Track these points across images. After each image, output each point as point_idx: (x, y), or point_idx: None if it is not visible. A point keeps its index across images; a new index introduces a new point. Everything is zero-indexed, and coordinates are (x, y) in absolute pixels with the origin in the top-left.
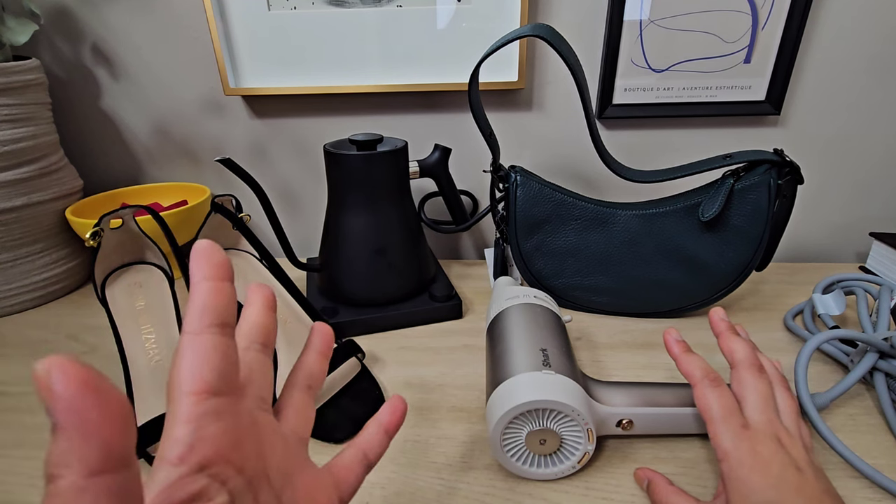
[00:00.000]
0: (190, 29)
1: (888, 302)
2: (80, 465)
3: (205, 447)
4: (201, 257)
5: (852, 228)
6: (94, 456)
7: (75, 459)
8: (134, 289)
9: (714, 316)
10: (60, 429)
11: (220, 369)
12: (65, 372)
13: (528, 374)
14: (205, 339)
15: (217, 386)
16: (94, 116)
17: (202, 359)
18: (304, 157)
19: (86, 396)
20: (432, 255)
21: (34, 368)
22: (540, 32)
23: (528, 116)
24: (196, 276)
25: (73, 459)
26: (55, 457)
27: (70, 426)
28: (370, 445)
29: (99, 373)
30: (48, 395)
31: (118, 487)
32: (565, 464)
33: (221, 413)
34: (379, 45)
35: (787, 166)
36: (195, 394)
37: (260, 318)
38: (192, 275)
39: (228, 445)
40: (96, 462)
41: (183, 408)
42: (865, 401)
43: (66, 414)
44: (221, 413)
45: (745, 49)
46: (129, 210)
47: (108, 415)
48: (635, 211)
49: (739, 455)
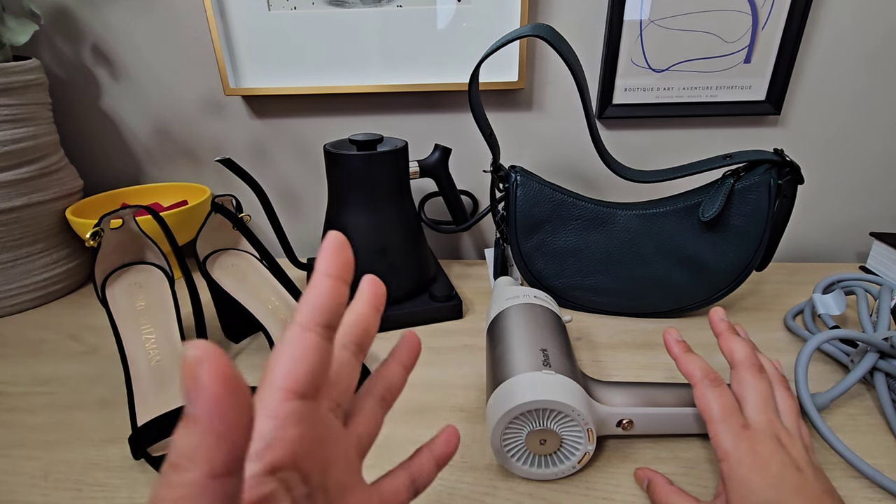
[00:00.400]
0: (190, 29)
1: (888, 302)
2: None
3: (281, 449)
4: (332, 251)
5: (852, 228)
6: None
7: (203, 457)
8: (134, 289)
9: (714, 316)
10: (195, 421)
11: (314, 372)
12: (215, 366)
13: (528, 374)
14: (309, 338)
15: (306, 389)
16: (94, 116)
17: (301, 357)
18: (305, 157)
19: (228, 397)
20: (432, 255)
21: (185, 351)
22: (540, 32)
23: (528, 116)
24: (320, 268)
25: (200, 456)
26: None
27: (207, 423)
28: (420, 473)
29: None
30: (192, 385)
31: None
32: (565, 464)
33: (303, 418)
34: (379, 45)
35: (787, 166)
36: (285, 390)
37: (364, 318)
38: (318, 265)
39: (302, 452)
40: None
41: (272, 402)
42: (866, 401)
43: (206, 409)
44: (303, 418)
45: (746, 49)
46: (129, 210)
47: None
48: (635, 211)
49: (739, 455)
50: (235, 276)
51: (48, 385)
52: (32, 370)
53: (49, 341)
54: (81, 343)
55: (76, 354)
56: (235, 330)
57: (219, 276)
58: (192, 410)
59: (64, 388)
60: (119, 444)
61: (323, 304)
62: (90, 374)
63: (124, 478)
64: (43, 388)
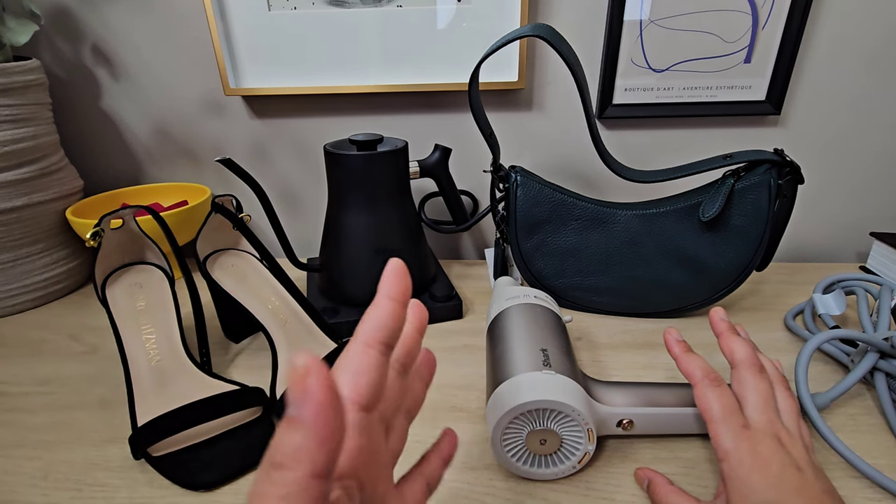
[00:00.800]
0: (190, 29)
1: (888, 302)
2: (310, 465)
3: (346, 457)
4: (394, 277)
5: (853, 228)
6: (322, 460)
7: (306, 458)
8: (134, 289)
9: (714, 316)
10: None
11: (375, 386)
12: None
13: (528, 374)
14: (371, 354)
15: (368, 402)
16: (94, 116)
17: (365, 371)
18: (305, 157)
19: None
20: (432, 255)
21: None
22: (540, 32)
23: (528, 116)
24: (383, 291)
25: (304, 457)
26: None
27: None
28: (433, 475)
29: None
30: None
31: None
32: (566, 464)
33: (363, 429)
34: (379, 45)
35: (787, 166)
36: (351, 402)
37: (409, 340)
38: (381, 289)
39: (361, 462)
40: (322, 466)
41: None
42: (866, 401)
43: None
44: (363, 429)
45: (746, 49)
46: (129, 210)
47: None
48: (635, 211)
49: (740, 455)
50: (235, 276)
51: (48, 385)
52: (33, 370)
53: (49, 341)
54: (81, 343)
55: (76, 354)
56: (235, 330)
57: (219, 276)
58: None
59: (64, 388)
60: (119, 444)
61: (385, 324)
62: (90, 374)
63: (124, 478)
64: (43, 388)
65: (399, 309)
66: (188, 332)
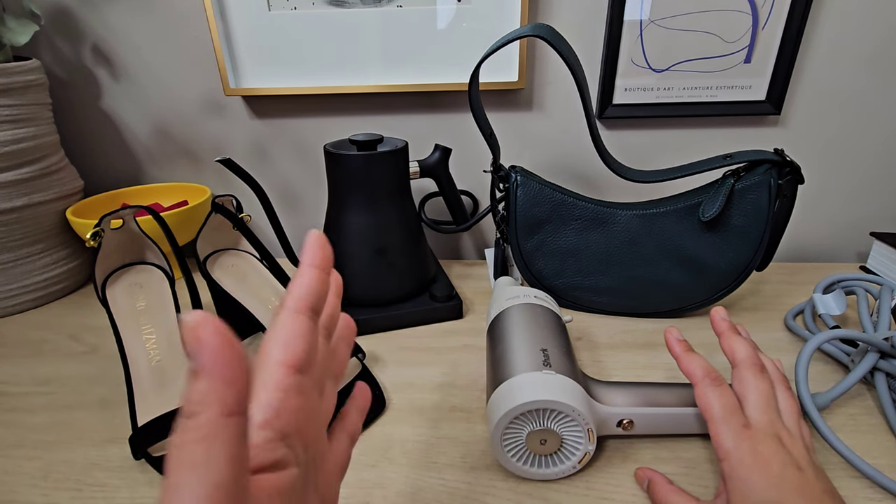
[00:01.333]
0: (190, 29)
1: (889, 302)
2: (219, 405)
3: (288, 417)
4: (314, 246)
5: (853, 228)
6: (231, 398)
7: (215, 399)
8: (134, 289)
9: (715, 316)
10: (203, 372)
11: (309, 349)
12: (213, 324)
13: (528, 374)
14: (302, 320)
15: (303, 364)
16: (94, 117)
17: (298, 335)
18: (305, 157)
19: (227, 348)
20: (432, 255)
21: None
22: (540, 32)
23: (528, 116)
24: (306, 260)
25: (213, 399)
26: (196, 395)
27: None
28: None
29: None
30: (196, 342)
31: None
32: (566, 464)
33: (302, 390)
34: (379, 45)
35: (787, 166)
36: (287, 365)
37: (330, 306)
38: (304, 258)
39: (303, 421)
40: (232, 404)
41: (275, 376)
42: (866, 401)
43: (211, 359)
44: (302, 390)
45: (746, 49)
46: (129, 210)
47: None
48: (635, 211)
49: (740, 454)
50: (236, 276)
51: (48, 385)
52: (33, 370)
53: (49, 341)
54: (82, 343)
55: (76, 354)
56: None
57: (219, 276)
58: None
59: (64, 388)
60: (119, 444)
61: (312, 289)
62: (90, 374)
63: (124, 478)
64: (43, 388)
65: (323, 276)
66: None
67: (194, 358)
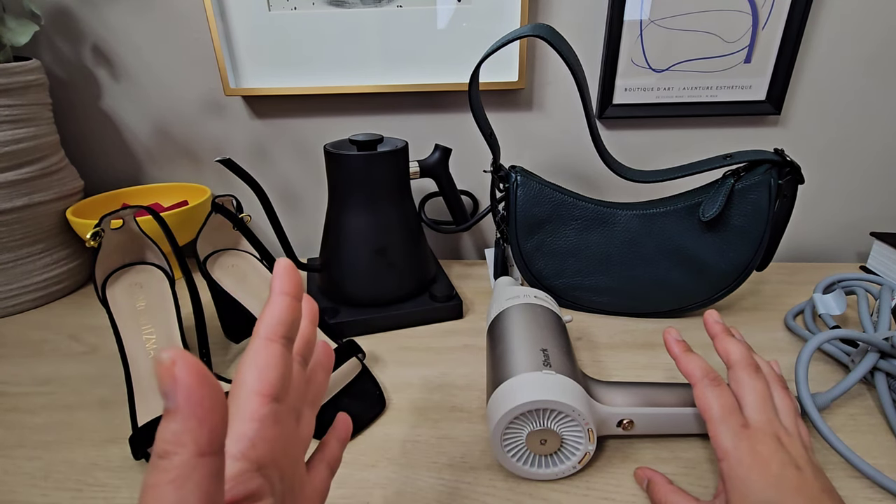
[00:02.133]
0: (190, 29)
1: (889, 302)
2: (193, 445)
3: (264, 447)
4: (284, 274)
5: (853, 228)
6: (205, 439)
7: (190, 440)
8: (134, 289)
9: (709, 318)
10: (177, 411)
11: (283, 377)
12: (187, 363)
13: (528, 374)
14: (275, 348)
15: (279, 393)
16: (94, 117)
17: (272, 364)
18: (305, 157)
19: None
20: (433, 256)
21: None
22: (540, 32)
23: (528, 116)
24: (276, 288)
25: (187, 439)
26: (169, 435)
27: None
28: (333, 458)
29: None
30: (171, 381)
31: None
32: (566, 464)
33: (278, 419)
34: (379, 45)
35: (787, 166)
36: (262, 395)
37: (305, 332)
38: (274, 287)
39: (279, 450)
40: (206, 444)
41: (251, 406)
42: (866, 401)
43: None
44: (278, 419)
45: (746, 49)
46: (129, 210)
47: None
48: (635, 211)
49: (739, 454)
50: (236, 276)
51: (48, 385)
52: (33, 370)
53: (49, 341)
54: (82, 343)
55: (76, 354)
56: (235, 330)
57: (219, 276)
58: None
59: (64, 388)
60: (119, 444)
61: (283, 318)
62: (90, 374)
63: (124, 478)
64: (43, 388)
65: (294, 303)
66: (188, 332)
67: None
